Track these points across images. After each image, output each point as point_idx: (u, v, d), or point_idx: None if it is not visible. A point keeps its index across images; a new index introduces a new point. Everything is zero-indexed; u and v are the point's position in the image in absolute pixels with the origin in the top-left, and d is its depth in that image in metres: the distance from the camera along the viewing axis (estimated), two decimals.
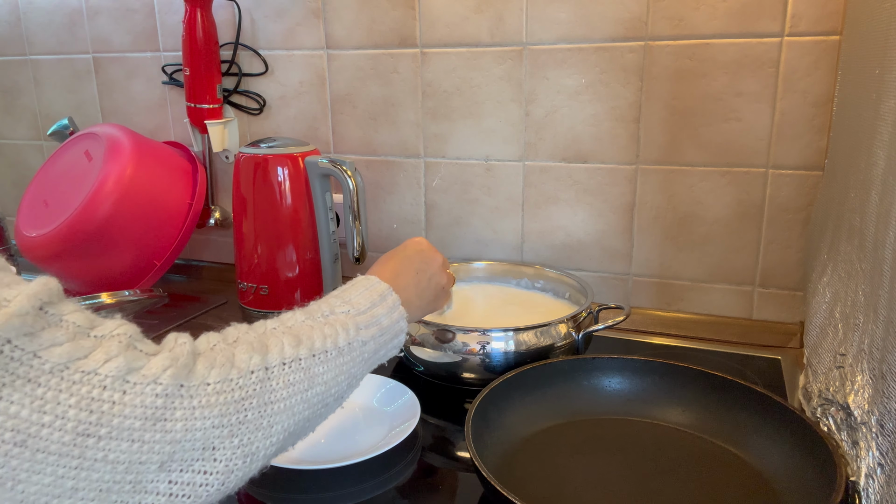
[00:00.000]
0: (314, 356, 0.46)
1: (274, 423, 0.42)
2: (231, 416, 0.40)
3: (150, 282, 1.05)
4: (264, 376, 0.42)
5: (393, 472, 0.65)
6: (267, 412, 0.42)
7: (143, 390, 0.36)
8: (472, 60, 0.98)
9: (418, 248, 0.65)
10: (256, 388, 0.42)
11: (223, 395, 0.40)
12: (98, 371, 0.34)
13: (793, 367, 0.84)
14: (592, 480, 0.61)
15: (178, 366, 0.38)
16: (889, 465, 0.47)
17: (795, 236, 0.89)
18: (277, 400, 0.43)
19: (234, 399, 0.40)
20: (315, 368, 0.46)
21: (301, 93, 1.10)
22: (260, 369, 0.42)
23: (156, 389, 0.36)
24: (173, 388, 0.37)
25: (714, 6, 0.85)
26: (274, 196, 0.96)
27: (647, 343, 0.92)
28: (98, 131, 1.06)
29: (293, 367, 0.44)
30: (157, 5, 1.16)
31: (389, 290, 0.56)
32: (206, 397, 0.39)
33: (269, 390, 0.42)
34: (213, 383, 0.39)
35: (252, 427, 0.41)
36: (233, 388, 0.40)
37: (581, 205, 0.98)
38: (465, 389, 0.77)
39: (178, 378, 0.37)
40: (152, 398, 0.36)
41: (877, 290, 0.51)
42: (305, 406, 0.45)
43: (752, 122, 0.87)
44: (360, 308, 0.53)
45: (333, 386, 0.48)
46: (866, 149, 0.57)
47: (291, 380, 0.44)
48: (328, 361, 0.47)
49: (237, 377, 0.41)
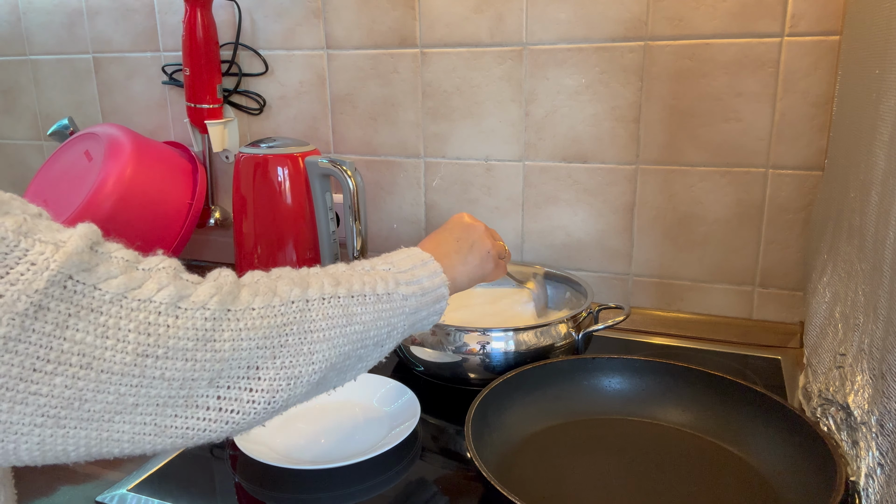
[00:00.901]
0: (352, 297, 0.49)
1: (315, 351, 0.45)
2: (273, 339, 0.43)
3: None
4: (304, 307, 0.45)
5: (393, 472, 0.65)
6: (307, 339, 0.45)
7: (194, 314, 0.39)
8: (472, 60, 0.98)
9: (458, 220, 0.67)
10: (296, 315, 0.45)
11: (266, 319, 0.42)
12: (153, 299, 0.37)
13: (793, 367, 0.84)
14: (592, 480, 0.61)
15: (223, 293, 0.41)
16: (889, 465, 0.47)
17: (795, 236, 0.89)
18: (317, 329, 0.46)
19: (276, 324, 0.43)
20: (353, 308, 0.49)
21: (301, 93, 1.10)
22: (300, 300, 0.45)
23: (205, 314, 0.39)
24: (220, 311, 0.40)
25: (714, 6, 0.85)
26: (274, 196, 0.96)
27: (647, 343, 0.92)
28: (98, 131, 1.06)
29: (332, 302, 0.47)
30: (157, 5, 1.16)
31: (431, 258, 0.58)
32: (252, 320, 0.42)
33: (309, 320, 0.45)
34: (258, 308, 0.42)
35: (293, 351, 0.44)
36: (275, 314, 0.43)
37: (581, 205, 0.98)
38: (465, 389, 0.77)
39: (225, 303, 0.40)
40: (202, 321, 0.39)
41: (877, 290, 0.51)
42: (345, 340, 0.48)
43: (752, 122, 0.87)
44: (401, 268, 0.55)
45: (372, 328, 0.50)
46: (866, 149, 0.57)
47: (330, 314, 0.47)
48: (366, 304, 0.50)
49: (279, 304, 0.44)
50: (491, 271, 0.67)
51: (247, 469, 0.65)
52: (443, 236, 0.64)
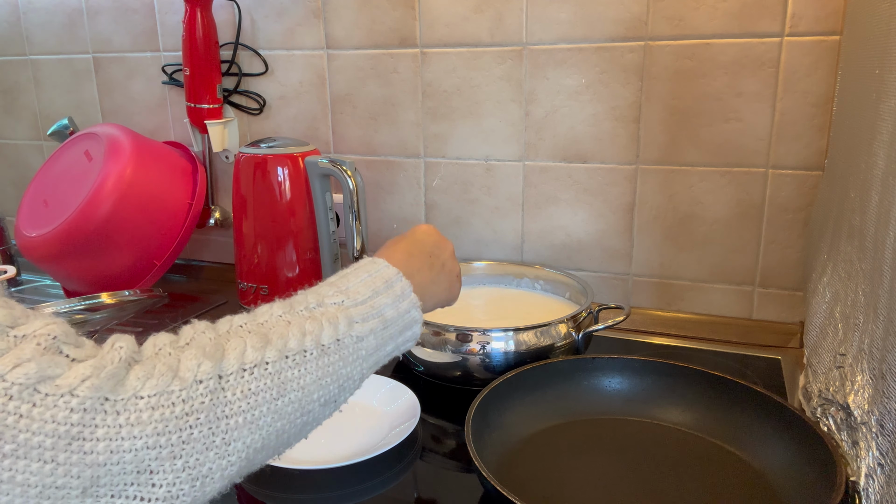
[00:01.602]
0: (286, 358, 0.40)
1: (231, 440, 0.36)
2: (171, 435, 0.34)
3: (150, 282, 1.05)
4: (216, 386, 0.36)
5: (393, 472, 0.65)
6: (220, 428, 0.36)
7: (56, 403, 0.31)
8: (472, 60, 0.98)
9: (428, 231, 0.59)
10: (204, 401, 0.36)
11: (159, 410, 0.34)
12: (5, 377, 0.30)
13: (793, 367, 0.84)
14: (592, 480, 0.61)
15: (101, 376, 0.32)
16: (889, 465, 0.47)
17: (795, 236, 0.89)
18: (234, 413, 0.37)
19: (174, 415, 0.34)
20: (287, 373, 0.40)
21: (301, 93, 1.10)
22: (210, 378, 0.36)
23: (70, 403, 0.31)
24: (93, 401, 0.32)
25: (714, 6, 0.85)
26: (274, 196, 0.96)
27: (647, 343, 0.92)
28: (98, 131, 1.06)
29: (256, 373, 0.38)
30: (157, 5, 1.16)
31: (398, 275, 0.49)
32: (137, 413, 0.33)
33: (223, 402, 0.36)
34: (148, 396, 0.34)
35: (200, 447, 0.35)
36: (173, 402, 0.34)
37: (581, 205, 0.98)
38: (465, 389, 0.77)
39: (101, 390, 0.32)
40: (66, 413, 0.31)
41: (877, 290, 0.51)
42: (275, 417, 0.39)
43: (752, 122, 0.87)
44: (356, 298, 0.46)
45: (316, 390, 0.41)
46: (866, 149, 0.57)
47: (254, 388, 0.38)
48: (306, 363, 0.41)
49: (179, 389, 0.35)
50: (454, 297, 0.60)
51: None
52: (414, 247, 0.56)
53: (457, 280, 0.60)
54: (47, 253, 1.01)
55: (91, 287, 1.02)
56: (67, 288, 1.11)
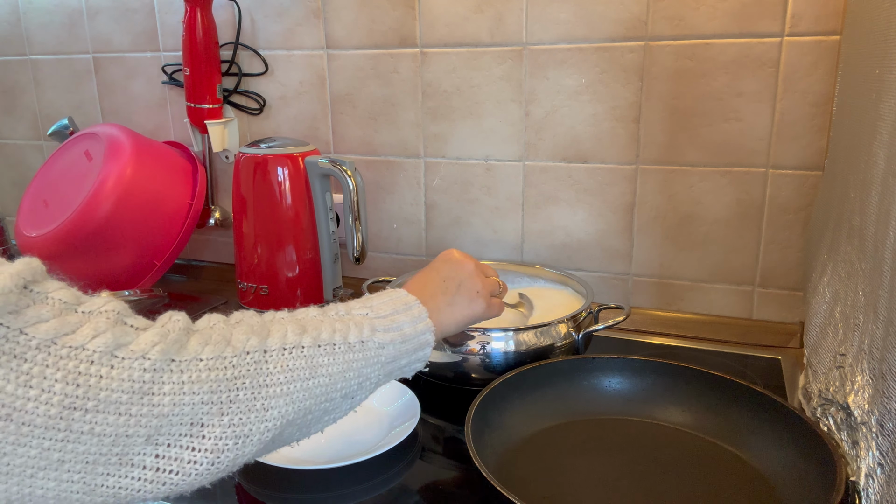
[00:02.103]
0: (319, 346, 0.45)
1: (269, 407, 0.41)
2: (221, 394, 0.39)
3: (150, 282, 1.05)
4: (261, 358, 0.42)
5: (393, 472, 0.65)
6: (261, 394, 0.41)
7: (132, 364, 0.36)
8: (472, 60, 0.98)
9: (447, 256, 0.63)
10: (250, 368, 0.41)
11: (215, 371, 0.39)
12: (86, 346, 0.35)
13: (793, 367, 0.84)
14: (592, 480, 0.61)
15: (167, 341, 0.38)
16: (889, 465, 0.47)
17: (795, 236, 0.89)
18: (274, 384, 0.42)
19: (226, 377, 0.40)
20: (319, 359, 0.45)
21: (301, 93, 1.10)
22: (257, 351, 0.42)
23: (144, 364, 0.36)
24: (162, 362, 0.37)
25: (714, 6, 0.85)
26: (274, 196, 0.96)
27: (647, 343, 0.92)
28: (98, 131, 1.06)
29: (294, 353, 0.44)
30: (157, 5, 1.16)
31: (416, 301, 0.54)
32: (197, 373, 0.38)
33: (266, 373, 0.42)
34: (206, 359, 0.39)
35: (244, 407, 0.40)
36: (225, 366, 0.40)
37: (581, 205, 0.98)
38: (465, 389, 0.77)
39: (168, 353, 0.37)
40: (140, 372, 0.36)
41: (877, 290, 0.51)
42: (306, 395, 0.44)
43: (752, 122, 0.87)
44: (380, 312, 0.51)
45: (340, 381, 0.46)
46: (866, 149, 0.57)
47: (291, 366, 0.43)
48: (334, 354, 0.46)
49: (231, 355, 0.40)
50: (482, 311, 0.62)
51: (247, 469, 0.65)
52: (429, 276, 0.60)
53: (476, 297, 0.61)
54: (47, 253, 1.01)
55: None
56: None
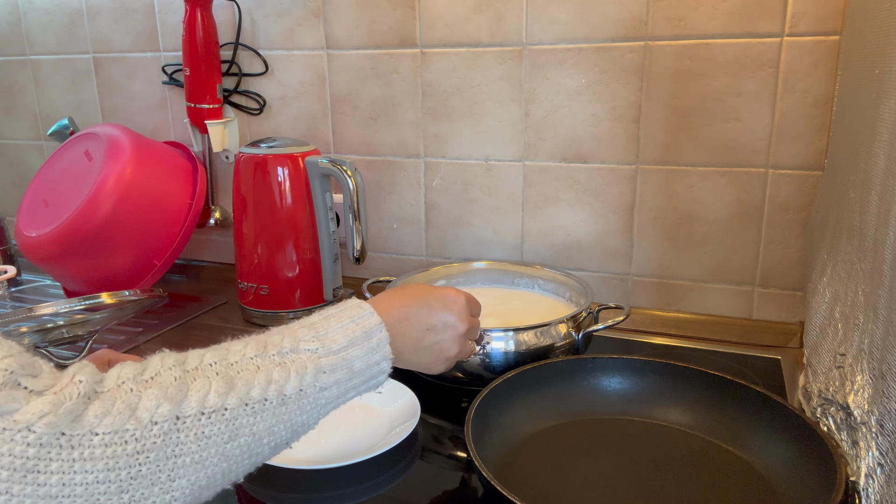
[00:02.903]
0: (246, 405, 0.41)
1: (176, 478, 0.37)
2: (121, 471, 0.35)
3: (150, 282, 1.05)
4: (171, 427, 0.37)
5: (393, 472, 0.65)
6: (167, 466, 0.37)
7: (14, 437, 0.32)
8: (472, 60, 0.98)
9: (448, 304, 0.57)
10: (157, 440, 0.37)
11: (112, 447, 0.35)
12: None
13: (793, 367, 0.84)
14: (592, 480, 0.61)
15: (59, 412, 0.33)
16: (889, 465, 0.47)
17: (795, 236, 0.89)
18: (184, 454, 0.38)
19: (125, 452, 0.35)
20: (242, 419, 0.40)
21: (301, 93, 1.10)
22: (167, 420, 0.37)
23: (28, 438, 0.32)
24: (50, 436, 0.33)
25: (714, 6, 0.85)
26: (274, 196, 0.96)
27: (647, 343, 0.92)
28: (98, 131, 1.06)
29: (213, 418, 0.39)
30: (157, 5, 1.16)
31: (381, 327, 0.49)
32: (91, 449, 0.34)
33: (174, 443, 0.37)
34: (103, 434, 0.35)
35: (147, 482, 0.36)
36: (126, 441, 0.35)
37: (581, 205, 0.98)
38: (465, 389, 0.77)
39: (58, 426, 0.33)
40: (23, 447, 0.32)
41: (877, 290, 0.51)
42: (222, 459, 0.40)
43: (752, 122, 0.87)
44: (331, 347, 0.46)
45: (267, 436, 0.42)
46: (866, 149, 0.57)
47: (207, 432, 0.39)
48: (264, 411, 0.41)
49: (133, 428, 0.36)
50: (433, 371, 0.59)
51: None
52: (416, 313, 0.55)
53: (443, 362, 0.58)
54: (47, 253, 1.01)
55: (91, 287, 1.02)
56: (67, 288, 1.11)
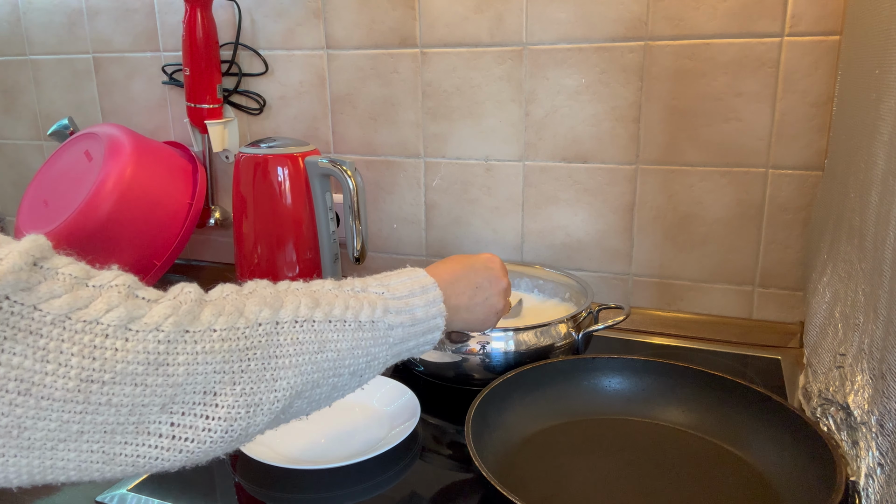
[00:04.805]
0: (329, 322, 0.46)
1: (278, 378, 0.42)
2: (234, 364, 0.40)
3: (150, 282, 1.04)
4: (272, 330, 0.42)
5: (393, 472, 0.65)
6: (271, 365, 0.42)
7: (146, 336, 0.36)
8: (472, 60, 0.98)
9: (488, 264, 0.62)
10: (262, 339, 0.42)
11: (227, 342, 0.40)
12: (100, 320, 0.35)
13: (793, 367, 0.84)
14: (592, 480, 0.61)
15: (180, 313, 0.38)
16: (889, 465, 0.47)
17: (795, 236, 0.89)
18: (284, 355, 0.43)
19: (238, 347, 0.40)
20: (328, 334, 0.45)
21: (301, 93, 1.10)
22: (269, 323, 0.42)
23: (158, 336, 0.36)
24: (176, 333, 0.37)
25: (714, 6, 0.85)
26: (274, 196, 0.96)
27: (647, 343, 0.92)
28: (98, 131, 1.06)
29: (305, 327, 0.44)
30: (157, 5, 1.16)
31: (434, 285, 0.54)
32: (211, 343, 0.39)
33: (276, 344, 0.42)
34: (220, 330, 0.40)
35: (255, 377, 0.41)
36: (238, 337, 0.40)
37: (581, 205, 0.98)
38: (464, 389, 0.77)
39: (181, 324, 0.38)
40: (154, 344, 0.36)
41: (877, 290, 0.51)
42: (314, 368, 0.44)
43: (752, 122, 0.87)
44: (395, 293, 0.51)
45: (348, 357, 0.47)
46: (866, 149, 0.57)
47: (301, 339, 0.44)
48: (344, 331, 0.46)
49: (244, 327, 0.41)
50: (488, 327, 0.63)
51: (247, 469, 0.65)
52: (463, 272, 0.59)
53: (494, 316, 0.62)
54: None
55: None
56: None
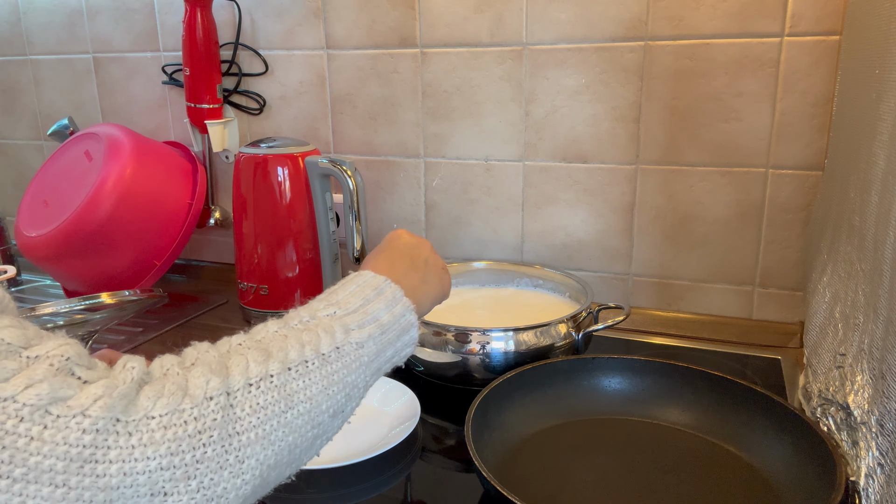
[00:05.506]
0: (289, 370, 0.39)
1: (244, 458, 0.36)
2: (185, 455, 0.33)
3: (150, 282, 1.05)
4: (225, 402, 0.35)
5: (393, 472, 0.65)
6: (233, 445, 0.35)
7: (68, 424, 0.30)
8: (472, 60, 0.98)
9: (401, 235, 0.59)
10: (216, 417, 0.35)
11: (171, 429, 0.33)
12: (16, 398, 0.29)
13: (793, 367, 0.84)
14: (592, 480, 0.61)
15: (113, 396, 0.32)
16: (889, 465, 0.47)
17: (795, 236, 0.89)
18: (246, 429, 0.36)
19: (186, 433, 0.33)
20: (292, 384, 0.39)
21: (301, 93, 1.10)
22: (220, 394, 0.35)
23: (82, 424, 0.30)
24: (105, 421, 0.31)
25: (714, 6, 0.85)
26: (274, 196, 0.96)
27: (647, 343, 0.92)
28: (98, 131, 1.06)
29: (262, 386, 0.37)
30: (157, 5, 1.16)
31: (387, 281, 0.49)
32: (150, 433, 0.32)
33: (234, 419, 0.35)
34: (159, 416, 0.33)
35: (215, 465, 0.34)
36: (185, 421, 0.33)
37: (581, 205, 0.98)
38: (464, 389, 0.77)
39: (113, 410, 0.31)
40: (78, 434, 0.30)
41: (877, 290, 0.51)
42: (287, 431, 0.38)
43: (752, 122, 0.87)
44: (348, 307, 0.46)
45: (324, 401, 0.40)
46: (866, 149, 0.57)
47: (262, 402, 0.37)
48: (310, 373, 0.40)
49: (190, 406, 0.34)
50: (448, 286, 0.59)
51: None
52: (392, 255, 0.55)
53: (444, 272, 0.59)
54: (47, 253, 1.01)
55: (91, 287, 1.02)
56: (67, 288, 1.11)
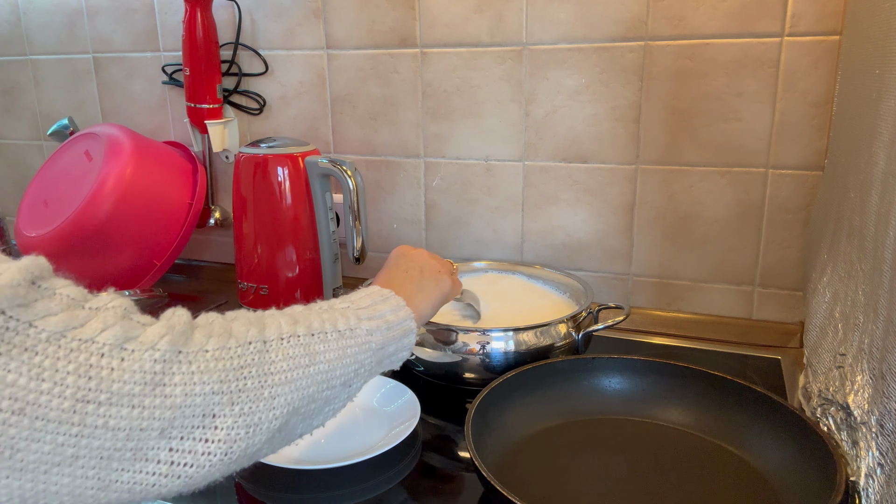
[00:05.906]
0: (312, 335, 0.46)
1: (276, 395, 0.42)
2: (231, 383, 0.40)
3: (150, 282, 1.05)
4: (262, 348, 0.43)
5: (393, 472, 0.65)
6: (268, 382, 0.42)
7: (142, 356, 0.36)
8: (472, 60, 0.98)
9: (398, 252, 0.66)
10: (255, 357, 0.42)
11: (221, 361, 0.40)
12: (95, 339, 0.35)
13: (793, 367, 0.84)
14: (592, 480, 0.61)
15: (174, 333, 0.38)
16: (889, 465, 0.47)
17: (795, 236, 0.89)
18: (278, 371, 0.43)
19: (232, 366, 0.40)
20: (315, 346, 0.46)
21: (301, 93, 1.10)
22: (258, 341, 0.43)
23: (154, 355, 0.36)
24: (171, 353, 0.37)
25: (714, 6, 0.85)
26: (274, 196, 0.96)
27: (647, 343, 0.92)
28: (98, 131, 1.06)
29: (292, 342, 0.45)
30: (157, 5, 1.16)
31: (391, 293, 0.56)
32: (205, 363, 0.39)
33: (269, 361, 0.43)
34: (212, 350, 0.40)
35: (253, 396, 0.41)
36: (231, 356, 0.40)
37: (581, 205, 0.98)
38: (465, 389, 0.77)
39: (176, 344, 0.38)
40: (150, 363, 0.36)
41: (877, 290, 0.51)
42: (309, 382, 0.45)
43: (752, 122, 0.87)
44: (361, 304, 0.53)
45: (338, 367, 0.47)
46: (866, 149, 0.57)
47: (291, 353, 0.44)
48: (328, 341, 0.47)
49: (235, 346, 0.41)
50: (450, 288, 0.65)
51: (247, 469, 0.65)
52: (390, 272, 0.62)
53: (441, 274, 0.64)
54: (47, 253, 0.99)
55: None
56: None
